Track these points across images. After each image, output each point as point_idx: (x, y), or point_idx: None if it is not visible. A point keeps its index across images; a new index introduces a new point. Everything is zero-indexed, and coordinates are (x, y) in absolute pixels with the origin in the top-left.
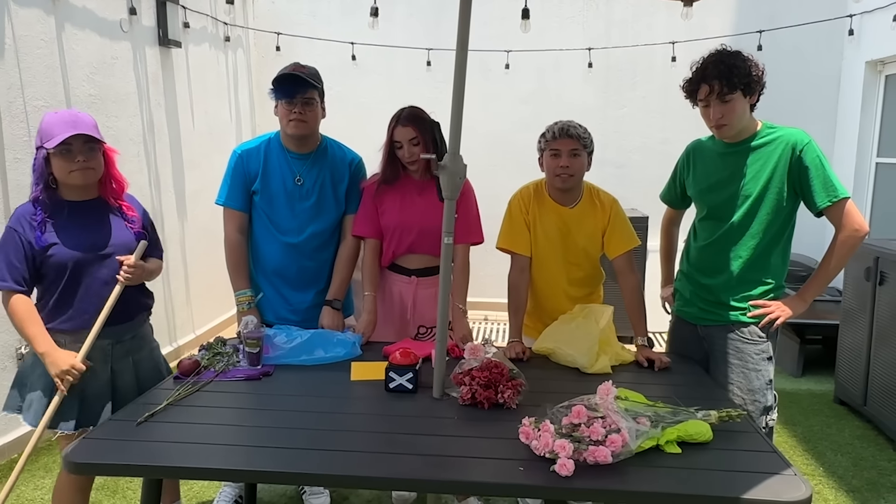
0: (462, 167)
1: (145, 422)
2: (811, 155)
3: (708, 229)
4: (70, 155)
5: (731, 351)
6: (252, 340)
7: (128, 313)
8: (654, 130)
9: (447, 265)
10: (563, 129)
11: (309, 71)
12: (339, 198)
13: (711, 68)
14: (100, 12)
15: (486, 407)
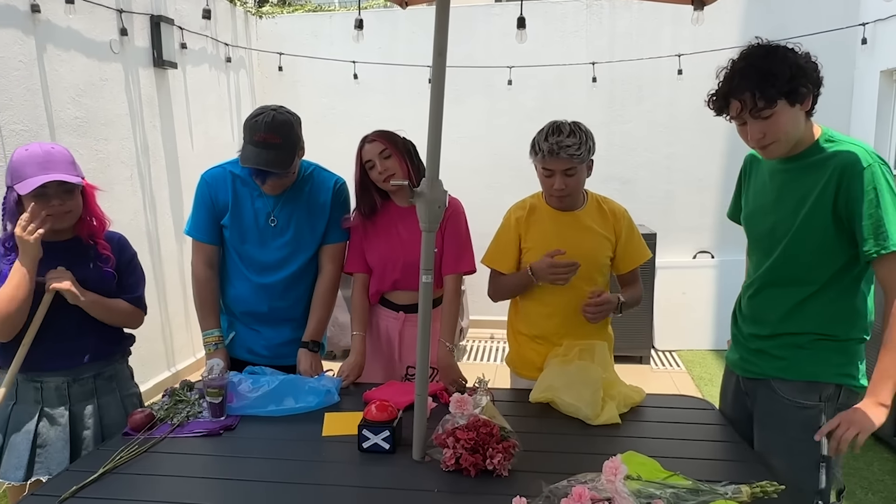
0: (442, 194)
1: (70, 498)
2: (866, 183)
3: (752, 265)
4: (45, 199)
5: (770, 414)
6: (214, 389)
7: (88, 352)
8: (660, 145)
9: (426, 307)
10: (553, 151)
11: (282, 153)
12: (317, 231)
13: (739, 78)
14: (86, 33)
15: (472, 474)
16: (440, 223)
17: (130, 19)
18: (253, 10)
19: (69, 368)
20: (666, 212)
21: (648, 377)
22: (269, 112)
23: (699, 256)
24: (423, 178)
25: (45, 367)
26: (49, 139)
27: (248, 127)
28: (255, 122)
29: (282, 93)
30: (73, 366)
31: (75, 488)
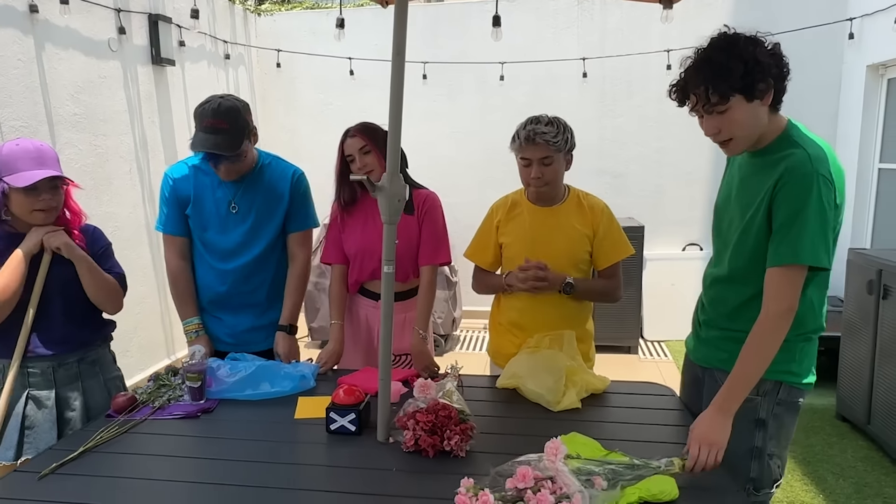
0: (401, 188)
1: (51, 474)
2: (800, 191)
3: (713, 257)
4: (35, 193)
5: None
6: (193, 374)
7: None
8: (650, 139)
9: (388, 297)
10: (530, 137)
11: (229, 136)
12: (276, 218)
13: (694, 72)
14: (85, 32)
15: (431, 455)
16: (417, 216)
17: (129, 18)
18: (252, 8)
19: (55, 354)
20: (656, 205)
21: (636, 366)
22: (216, 100)
23: (688, 248)
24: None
25: (33, 353)
26: (48, 135)
27: (197, 115)
28: (203, 109)
29: (280, 89)
30: (58, 352)
31: (55, 465)
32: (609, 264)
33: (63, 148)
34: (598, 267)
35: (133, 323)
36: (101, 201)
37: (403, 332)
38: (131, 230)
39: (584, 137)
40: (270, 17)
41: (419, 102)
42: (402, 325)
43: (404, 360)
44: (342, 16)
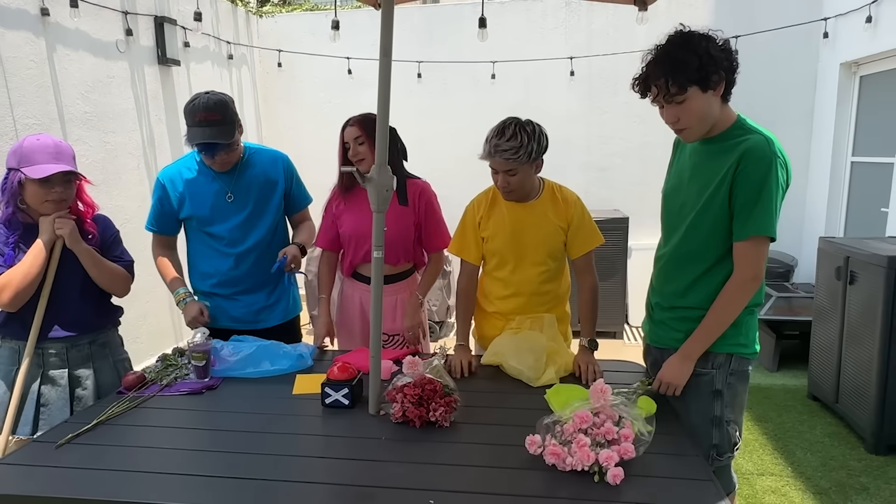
0: (389, 178)
1: (67, 444)
2: (759, 170)
3: (662, 239)
4: (48, 184)
5: None
6: (198, 353)
7: (82, 321)
8: (635, 135)
9: (378, 280)
10: (491, 152)
11: (223, 126)
12: (274, 201)
13: (654, 65)
14: (94, 34)
15: (417, 425)
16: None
17: (135, 20)
18: (254, 10)
19: (69, 336)
20: (640, 197)
21: (621, 350)
22: (204, 96)
23: None
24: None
25: (44, 335)
26: (60, 132)
27: (189, 112)
28: (193, 105)
29: (281, 88)
30: (73, 334)
31: (71, 435)
32: (582, 253)
33: (74, 145)
34: (571, 256)
35: (142, 311)
36: (110, 195)
37: (395, 313)
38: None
39: (571, 133)
40: (272, 18)
41: (414, 100)
42: (393, 307)
43: (397, 340)
44: (337, 18)
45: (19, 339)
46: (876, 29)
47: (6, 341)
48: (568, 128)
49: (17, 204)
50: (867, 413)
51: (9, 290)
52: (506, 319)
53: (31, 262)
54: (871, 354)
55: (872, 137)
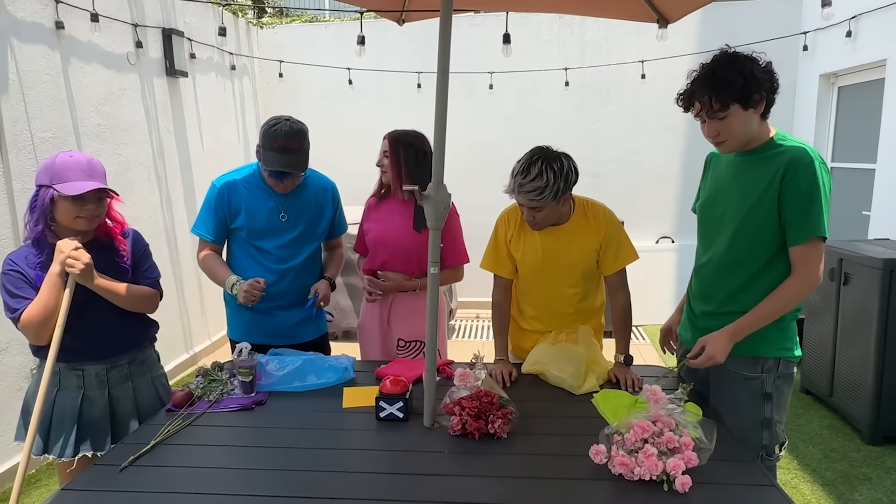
0: (446, 196)
1: (129, 466)
2: (807, 176)
3: (701, 249)
4: (82, 202)
5: (720, 385)
6: (245, 369)
7: (123, 342)
8: (626, 142)
9: (434, 295)
10: (515, 190)
11: (300, 156)
12: (322, 226)
13: (700, 83)
14: (106, 46)
15: (476, 437)
16: None
17: (144, 33)
18: (254, 21)
19: (108, 357)
20: (631, 202)
21: None
22: (285, 122)
23: (661, 241)
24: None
25: (86, 357)
26: (75, 145)
27: (269, 136)
28: (275, 130)
29: (282, 97)
30: (111, 355)
31: (132, 457)
32: (615, 271)
33: None
34: (605, 273)
35: None
36: (123, 207)
37: (412, 318)
38: (151, 233)
39: (565, 140)
40: (272, 29)
41: (413, 109)
42: (411, 312)
43: (417, 346)
44: (363, 33)
45: (60, 362)
46: (855, 43)
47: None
48: (562, 135)
49: (46, 221)
50: (863, 406)
51: (32, 330)
52: (541, 335)
53: (48, 296)
54: (867, 351)
55: (850, 145)
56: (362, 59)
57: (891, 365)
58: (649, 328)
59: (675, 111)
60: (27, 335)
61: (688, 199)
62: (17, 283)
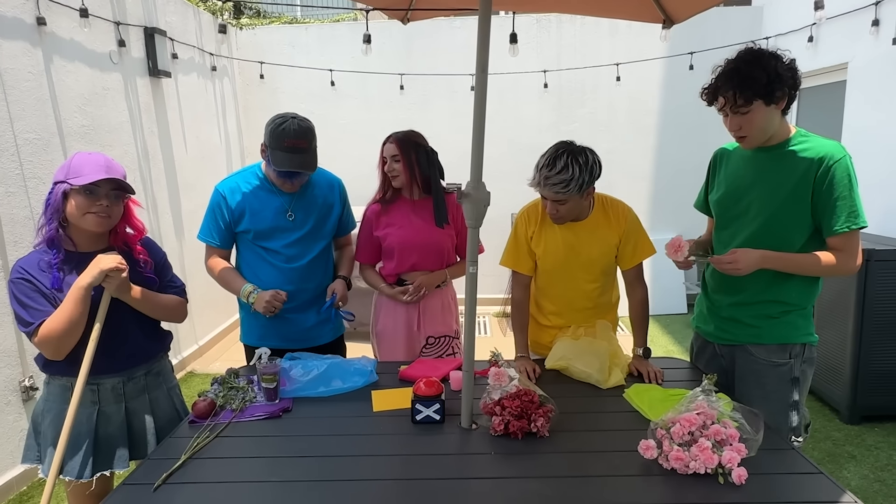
0: (486, 194)
1: (163, 484)
2: (842, 170)
3: (723, 241)
4: (93, 196)
5: (748, 372)
6: (268, 376)
7: (140, 353)
8: (601, 142)
9: (472, 296)
10: (541, 182)
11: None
12: (331, 222)
13: (725, 79)
14: (88, 45)
15: (520, 437)
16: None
17: (127, 31)
18: (232, 22)
19: (125, 370)
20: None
21: None
22: (292, 119)
23: None
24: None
25: (102, 370)
26: (60, 147)
27: (276, 135)
28: (283, 129)
29: (263, 99)
30: (128, 366)
31: (166, 475)
32: (633, 265)
33: None
34: (622, 267)
35: None
36: None
37: (443, 315)
38: None
39: (543, 140)
40: (251, 31)
41: (396, 112)
42: (440, 309)
43: (445, 342)
44: (368, 32)
45: (69, 376)
46: (817, 47)
47: (55, 378)
48: (540, 136)
49: (59, 221)
50: (842, 388)
51: (51, 345)
52: (560, 330)
53: (72, 310)
54: (845, 337)
55: None
56: (342, 60)
57: (867, 349)
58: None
59: (647, 112)
60: (45, 350)
61: (660, 196)
62: (29, 292)
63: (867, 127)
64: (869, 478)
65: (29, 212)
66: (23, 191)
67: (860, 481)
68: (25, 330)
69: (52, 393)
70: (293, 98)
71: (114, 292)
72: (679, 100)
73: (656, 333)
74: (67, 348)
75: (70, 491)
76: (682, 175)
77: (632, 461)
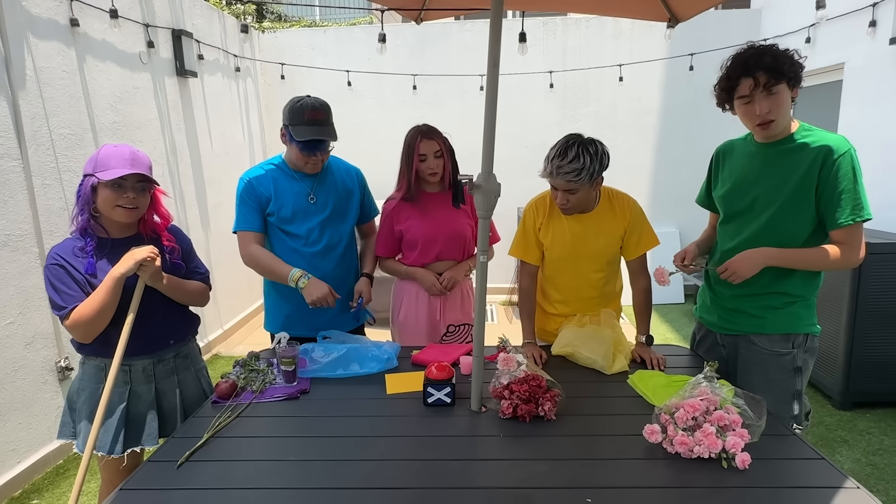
0: (497, 186)
1: (186, 462)
2: (846, 164)
3: (728, 234)
4: (120, 189)
5: (752, 362)
6: (287, 359)
7: (169, 336)
8: (604, 139)
9: (483, 283)
10: (553, 172)
11: (329, 126)
12: (353, 206)
13: (755, 59)
14: (119, 45)
15: (527, 420)
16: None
17: (156, 33)
18: (256, 25)
19: (155, 352)
20: None
21: None
22: (307, 97)
23: None
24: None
25: (134, 352)
26: (93, 142)
27: (296, 111)
28: (302, 104)
29: (283, 99)
30: (158, 349)
31: (188, 453)
32: (637, 256)
33: None
34: (627, 258)
35: None
36: None
37: (463, 304)
38: None
39: (549, 138)
40: (272, 33)
41: (409, 111)
42: (460, 298)
43: (464, 330)
44: (384, 31)
45: (103, 357)
46: (814, 48)
47: (90, 359)
48: (546, 133)
49: (91, 212)
50: (835, 376)
51: (81, 329)
52: (565, 317)
53: (104, 297)
54: (839, 327)
55: None
56: (358, 62)
57: (860, 338)
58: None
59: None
60: (75, 333)
61: (659, 191)
62: (63, 277)
63: (862, 125)
64: (861, 461)
65: (63, 203)
66: (58, 183)
67: (852, 465)
68: (58, 313)
69: (86, 373)
70: None
71: (148, 280)
72: (679, 99)
73: (656, 322)
74: (96, 333)
75: (103, 465)
76: (681, 171)
77: (637, 445)
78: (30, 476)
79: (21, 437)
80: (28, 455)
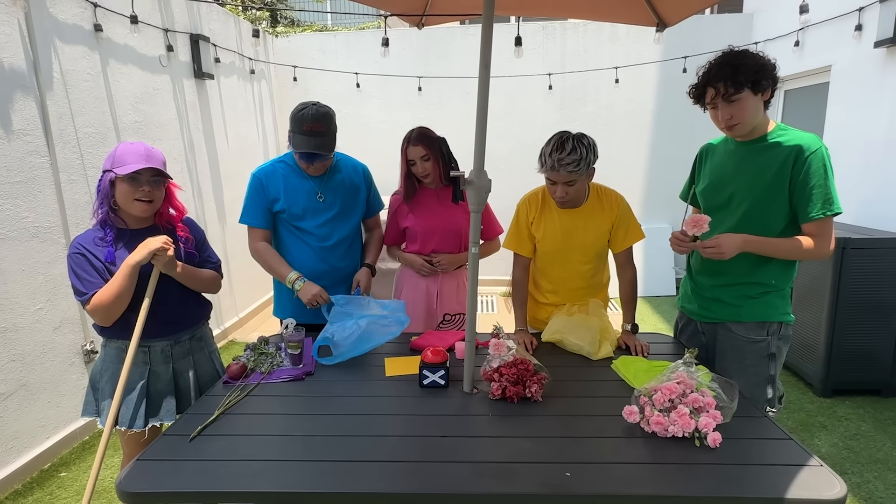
0: (487, 182)
1: (198, 436)
2: (818, 161)
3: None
4: (136, 183)
5: (728, 348)
6: (294, 343)
7: (185, 320)
8: (600, 139)
9: (475, 273)
10: (554, 166)
11: (327, 138)
12: (359, 202)
13: (716, 70)
14: (140, 49)
15: (515, 401)
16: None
17: (174, 37)
18: (270, 30)
19: (172, 334)
20: None
21: None
22: (311, 106)
23: None
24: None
25: (153, 334)
26: (116, 140)
27: (297, 120)
28: (302, 114)
29: (296, 99)
30: (175, 332)
31: (200, 427)
32: (624, 248)
33: None
34: (614, 251)
35: None
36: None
37: (458, 294)
38: None
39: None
40: (286, 38)
41: (415, 111)
42: (456, 288)
43: (460, 319)
44: (387, 36)
45: (124, 339)
46: (802, 51)
47: (111, 342)
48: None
49: (110, 205)
50: (816, 364)
51: (100, 313)
52: (556, 307)
53: (121, 284)
54: (820, 318)
55: None
56: (366, 65)
57: (840, 329)
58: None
59: (643, 112)
60: (95, 317)
61: (653, 188)
62: (84, 265)
63: (847, 125)
64: (838, 445)
65: (88, 197)
66: (83, 178)
67: (830, 448)
68: (80, 299)
69: (108, 354)
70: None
71: (162, 268)
72: (673, 100)
73: (647, 313)
74: (115, 316)
75: (125, 440)
76: (673, 169)
77: (616, 424)
78: (58, 450)
79: (50, 415)
80: (56, 431)
